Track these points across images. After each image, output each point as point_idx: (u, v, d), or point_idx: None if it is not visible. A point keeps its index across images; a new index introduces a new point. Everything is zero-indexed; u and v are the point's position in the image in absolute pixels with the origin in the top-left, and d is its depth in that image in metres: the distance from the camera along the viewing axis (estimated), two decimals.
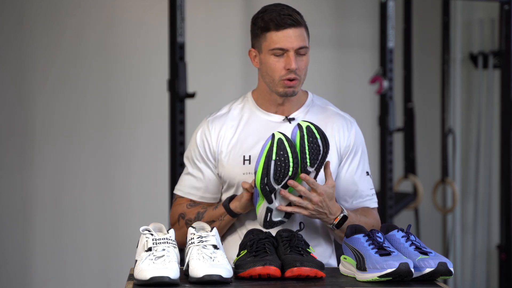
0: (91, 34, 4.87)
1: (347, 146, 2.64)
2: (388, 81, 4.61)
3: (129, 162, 4.95)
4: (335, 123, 2.65)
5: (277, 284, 2.16)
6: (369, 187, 2.66)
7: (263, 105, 2.66)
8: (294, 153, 2.44)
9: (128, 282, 2.19)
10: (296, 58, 2.56)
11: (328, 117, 2.67)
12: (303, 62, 2.57)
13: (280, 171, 2.42)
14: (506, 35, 4.86)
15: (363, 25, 5.40)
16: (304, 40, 2.56)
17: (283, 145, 2.43)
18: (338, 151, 2.64)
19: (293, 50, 2.55)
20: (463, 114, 5.69)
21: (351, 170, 2.63)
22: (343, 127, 2.65)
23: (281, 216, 2.50)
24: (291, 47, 2.55)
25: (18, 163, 4.79)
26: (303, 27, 2.58)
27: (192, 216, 2.63)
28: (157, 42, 4.83)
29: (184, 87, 4.09)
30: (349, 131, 2.65)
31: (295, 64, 2.55)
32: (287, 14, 2.57)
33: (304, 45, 2.55)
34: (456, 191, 5.35)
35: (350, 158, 2.64)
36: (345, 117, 2.68)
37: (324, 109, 2.69)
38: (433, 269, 2.16)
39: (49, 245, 4.84)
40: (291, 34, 2.56)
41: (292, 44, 2.55)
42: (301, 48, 2.55)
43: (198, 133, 2.70)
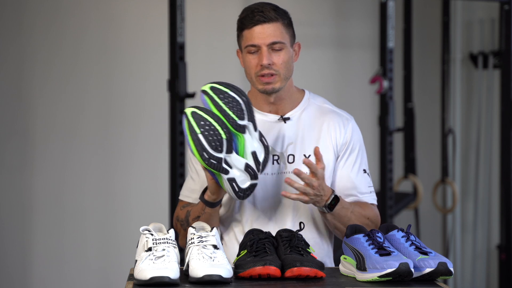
0: (91, 34, 4.87)
1: (343, 144, 2.64)
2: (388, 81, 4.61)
3: (129, 162, 4.95)
4: (331, 121, 2.65)
5: (277, 284, 2.16)
6: (366, 184, 2.65)
7: (257, 105, 2.66)
8: (214, 117, 2.41)
9: (128, 282, 2.19)
10: (271, 53, 2.55)
11: (324, 115, 2.66)
12: (279, 57, 2.56)
13: (213, 140, 2.39)
14: (506, 35, 4.87)
15: (363, 25, 5.41)
16: (279, 35, 2.55)
17: (198, 115, 2.40)
18: (334, 148, 2.63)
19: (265, 46, 2.55)
20: (463, 114, 5.69)
21: (347, 167, 2.63)
22: (339, 124, 2.65)
23: (248, 180, 2.46)
24: (262, 43, 2.55)
25: (18, 163, 4.79)
26: (278, 22, 2.56)
27: (183, 216, 2.65)
28: (157, 42, 4.83)
29: (184, 87, 4.09)
30: (345, 128, 2.65)
31: (267, 59, 2.54)
32: (259, 11, 2.56)
33: (277, 40, 2.55)
34: (456, 191, 5.35)
35: (346, 155, 2.64)
36: (341, 115, 2.68)
37: (320, 108, 2.69)
38: (433, 269, 2.16)
39: (49, 245, 4.84)
40: (262, 30, 2.56)
41: (263, 40, 2.55)
42: (274, 43, 2.55)
43: None
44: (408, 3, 5.28)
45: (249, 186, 2.46)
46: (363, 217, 2.57)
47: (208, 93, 2.43)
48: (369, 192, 2.65)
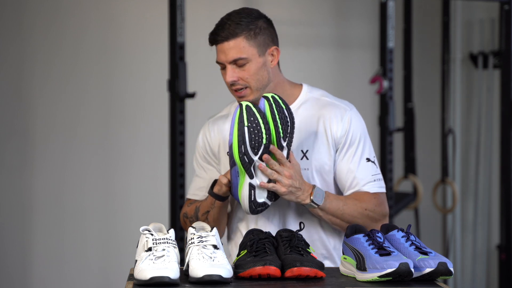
0: (91, 34, 4.87)
1: (341, 136, 2.63)
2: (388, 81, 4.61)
3: (129, 162, 4.95)
4: (328, 114, 2.64)
5: (277, 284, 2.16)
6: (369, 173, 2.62)
7: None
8: (264, 119, 2.44)
9: (128, 282, 2.19)
10: (235, 70, 2.57)
11: (321, 108, 2.66)
12: (245, 72, 2.58)
13: (254, 138, 2.42)
14: (506, 35, 4.86)
15: (363, 25, 5.41)
16: (240, 51, 2.56)
17: (252, 111, 2.43)
18: (331, 142, 2.62)
19: (228, 64, 2.58)
20: (463, 114, 5.69)
21: (347, 158, 2.62)
22: (336, 116, 2.64)
23: (264, 197, 2.49)
24: (225, 61, 2.59)
25: (18, 163, 4.79)
26: (240, 37, 2.58)
27: (192, 213, 2.68)
28: (157, 42, 4.83)
29: (184, 87, 4.09)
30: (343, 119, 2.63)
31: (230, 77, 2.57)
32: (220, 28, 2.60)
33: (238, 57, 2.57)
34: (456, 191, 5.35)
35: (346, 147, 2.63)
36: (339, 106, 2.66)
37: (318, 101, 2.68)
38: (433, 269, 2.16)
39: (49, 245, 4.84)
40: (223, 48, 2.59)
41: (225, 58, 2.59)
42: (236, 61, 2.57)
43: (200, 134, 2.76)
44: (408, 3, 5.28)
45: (263, 203, 2.49)
46: (360, 207, 2.57)
47: (270, 100, 2.47)
48: (373, 181, 2.62)
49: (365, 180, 2.62)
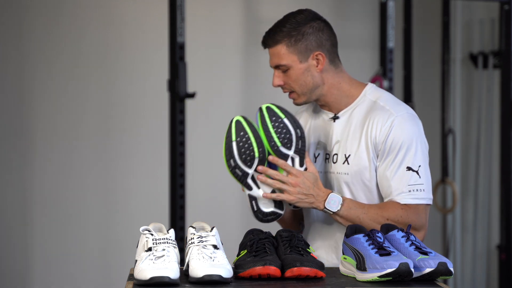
0: (91, 34, 4.87)
1: (380, 141, 2.59)
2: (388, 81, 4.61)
3: (129, 162, 4.95)
4: (374, 118, 2.62)
5: (277, 284, 2.16)
6: (406, 182, 2.55)
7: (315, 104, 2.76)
8: (254, 133, 2.49)
9: (128, 282, 2.19)
10: (281, 74, 2.64)
11: (370, 112, 2.64)
12: (288, 78, 2.63)
13: (244, 152, 2.46)
14: (506, 35, 4.86)
15: (363, 25, 5.40)
16: (281, 58, 2.61)
17: (241, 126, 2.49)
18: (371, 147, 2.60)
19: (274, 69, 2.65)
20: (463, 114, 5.69)
21: (385, 165, 2.58)
22: (379, 121, 2.60)
23: (272, 207, 2.51)
24: (272, 66, 2.66)
25: (19, 163, 4.79)
26: (280, 44, 2.61)
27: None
28: (157, 42, 4.83)
29: (184, 87, 4.09)
30: (385, 125, 2.59)
31: (276, 81, 2.64)
32: (266, 35, 2.64)
33: (279, 64, 2.62)
34: (456, 191, 5.35)
35: (386, 153, 2.58)
36: (387, 110, 2.62)
37: (372, 103, 2.66)
38: (433, 269, 2.16)
39: (49, 244, 4.84)
40: (270, 53, 2.65)
41: (271, 63, 2.65)
42: (279, 67, 2.63)
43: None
44: (408, 3, 5.28)
45: (271, 213, 2.51)
46: (381, 217, 2.53)
47: (262, 111, 2.53)
48: (408, 192, 2.55)
49: (399, 189, 2.56)
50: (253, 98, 5.07)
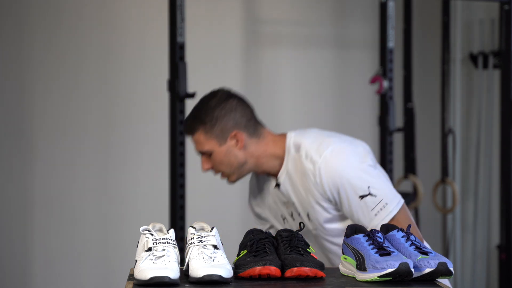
0: (91, 34, 4.87)
1: (323, 192, 2.63)
2: (388, 81, 4.61)
3: (129, 162, 4.95)
4: (303, 175, 2.64)
5: (277, 284, 2.16)
6: (367, 210, 2.60)
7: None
8: None
9: (128, 282, 2.19)
10: (206, 159, 2.69)
11: (297, 171, 2.66)
12: (213, 161, 2.68)
13: None
14: (506, 35, 4.86)
15: (363, 25, 5.40)
16: (201, 144, 2.66)
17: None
18: (320, 198, 2.63)
19: (200, 154, 2.71)
20: (463, 114, 5.69)
21: (343, 207, 2.63)
22: (308, 177, 2.63)
23: None
24: (197, 151, 2.71)
25: (19, 163, 4.79)
26: (198, 131, 2.65)
27: None
28: (157, 42, 4.83)
29: (184, 87, 4.09)
30: (315, 178, 2.62)
31: (204, 166, 2.70)
32: (184, 124, 2.71)
33: (202, 150, 2.67)
34: (456, 191, 5.34)
35: (334, 199, 2.64)
36: (310, 162, 2.63)
37: (296, 158, 2.67)
38: (433, 269, 2.16)
39: (49, 245, 4.84)
40: (193, 140, 2.71)
41: (196, 149, 2.71)
42: (203, 153, 2.68)
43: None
44: (408, 3, 5.27)
45: None
46: None
47: None
48: (374, 215, 2.60)
49: (367, 217, 2.60)
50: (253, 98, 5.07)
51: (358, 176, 2.61)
